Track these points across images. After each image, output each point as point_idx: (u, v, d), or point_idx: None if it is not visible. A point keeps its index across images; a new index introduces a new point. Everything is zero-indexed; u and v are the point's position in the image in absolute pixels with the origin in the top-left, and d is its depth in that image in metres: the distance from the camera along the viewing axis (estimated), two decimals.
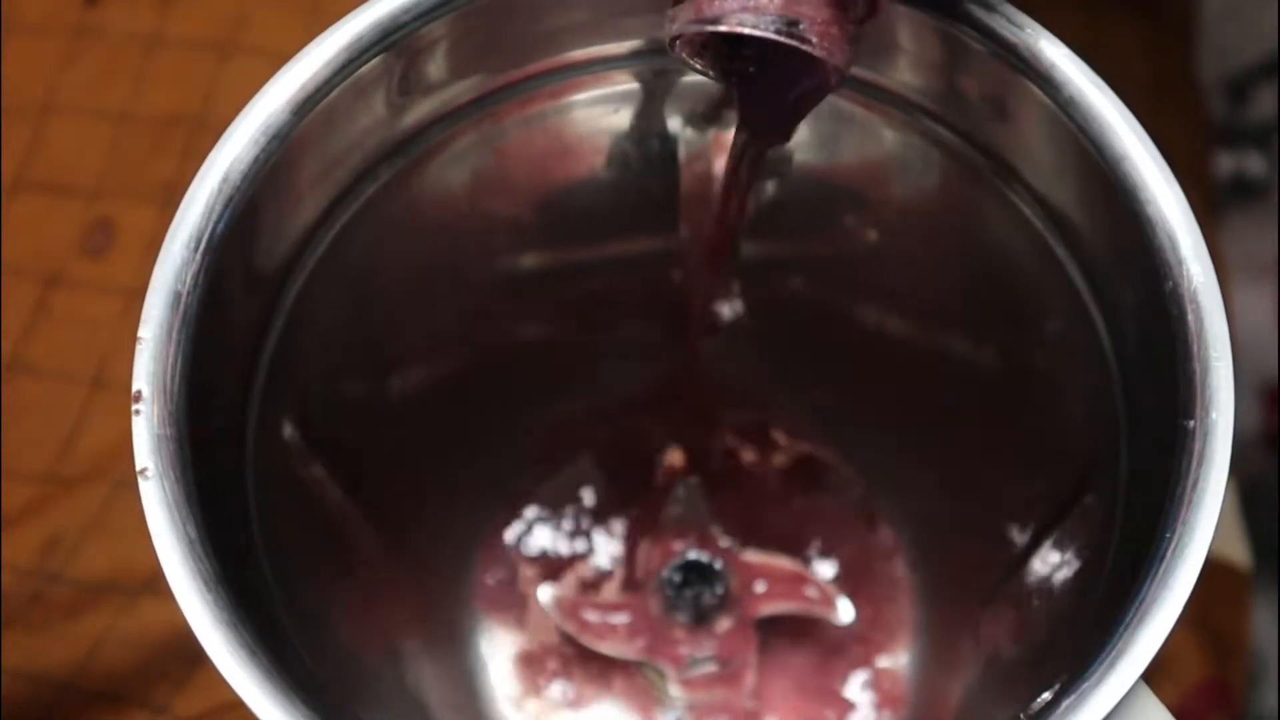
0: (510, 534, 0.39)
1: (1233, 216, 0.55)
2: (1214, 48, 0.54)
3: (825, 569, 0.39)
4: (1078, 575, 0.28)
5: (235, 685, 0.22)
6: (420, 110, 0.28)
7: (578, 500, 0.39)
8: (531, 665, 0.38)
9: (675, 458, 0.39)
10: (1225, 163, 0.56)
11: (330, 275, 0.28)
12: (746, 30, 0.24)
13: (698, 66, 0.26)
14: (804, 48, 0.24)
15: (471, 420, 0.36)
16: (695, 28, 0.24)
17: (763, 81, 0.26)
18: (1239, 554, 0.42)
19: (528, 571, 0.39)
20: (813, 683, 0.38)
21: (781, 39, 0.24)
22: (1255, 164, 0.59)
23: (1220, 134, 0.55)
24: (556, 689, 0.38)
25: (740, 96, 0.27)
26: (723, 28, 0.24)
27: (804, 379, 0.38)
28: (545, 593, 0.38)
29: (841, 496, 0.39)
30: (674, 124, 0.30)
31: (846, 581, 0.38)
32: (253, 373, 0.27)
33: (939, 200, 0.30)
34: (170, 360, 0.24)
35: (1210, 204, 0.51)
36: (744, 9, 0.24)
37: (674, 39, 0.25)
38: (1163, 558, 0.23)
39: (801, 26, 0.24)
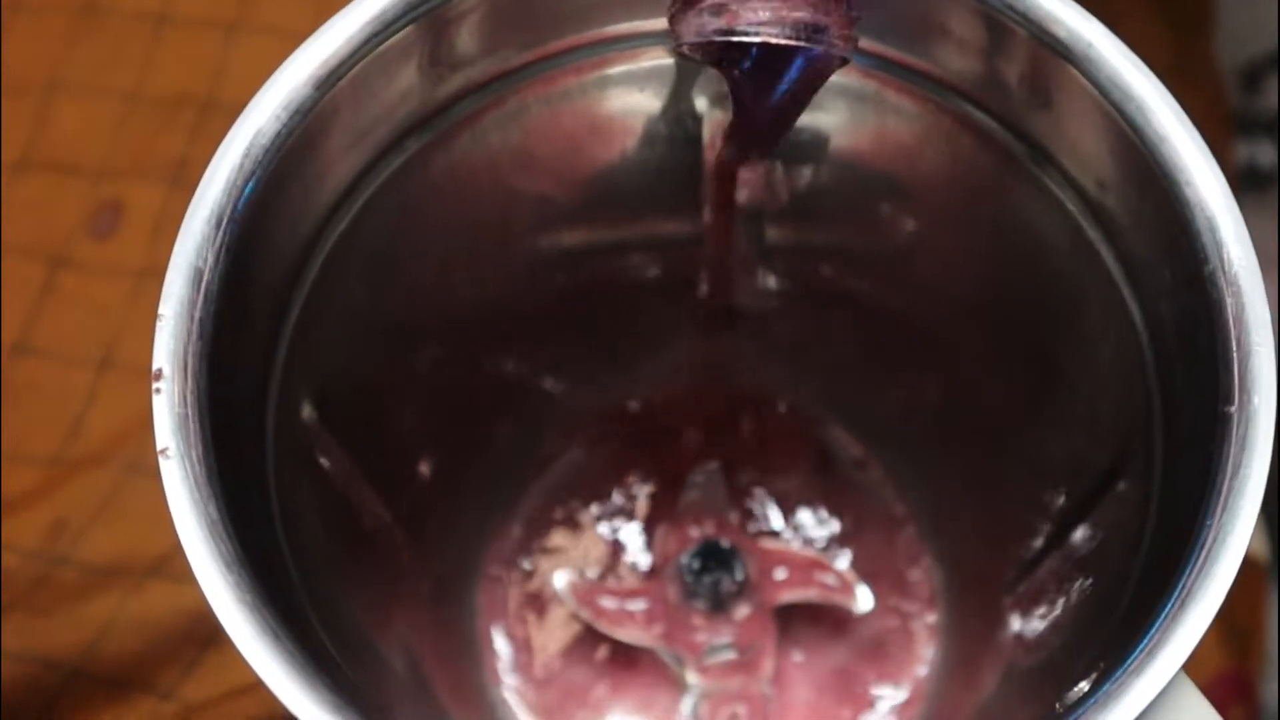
0: (526, 518, 0.38)
1: (1245, 206, 0.55)
2: (1229, 36, 0.54)
3: (845, 559, 0.38)
4: (1110, 564, 0.28)
5: (257, 667, 0.22)
6: (447, 85, 0.27)
7: (595, 485, 0.39)
8: (545, 652, 0.37)
9: (695, 442, 0.39)
10: (1239, 152, 0.56)
11: (352, 253, 0.28)
12: (777, 40, 0.24)
13: (698, 58, 0.26)
14: (832, 52, 0.24)
15: (488, 401, 0.36)
16: (723, 37, 0.24)
17: (762, 70, 0.26)
18: (1257, 544, 0.42)
19: (542, 558, 0.38)
20: (832, 674, 0.37)
21: (811, 45, 0.24)
22: (1267, 154, 0.59)
23: (1236, 123, 0.55)
24: (571, 676, 0.37)
25: (735, 85, 0.26)
26: (754, 39, 0.24)
27: (830, 368, 0.38)
28: (560, 579, 0.37)
29: (865, 485, 0.39)
30: (702, 104, 0.30)
31: (867, 571, 0.38)
32: (273, 351, 0.27)
33: (973, 186, 0.29)
34: (191, 338, 0.24)
35: None
36: (772, 19, 0.24)
37: (684, 43, 0.25)
38: (1204, 545, 0.23)
39: (829, 33, 0.24)
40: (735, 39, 0.24)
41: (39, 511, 0.40)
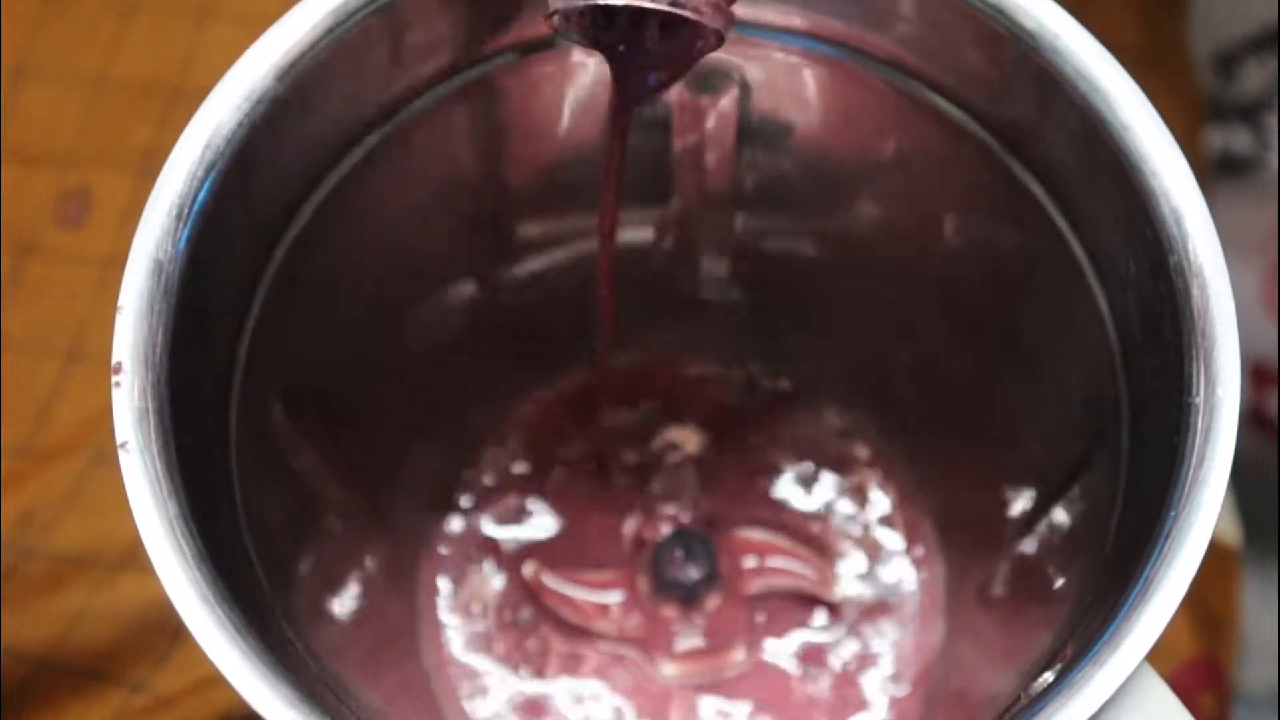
0: (492, 507, 0.38)
1: (1220, 193, 0.55)
2: (1203, 21, 0.54)
3: (821, 542, 0.38)
4: (1078, 553, 0.28)
5: (219, 663, 0.22)
6: (410, 76, 0.27)
7: (560, 472, 0.38)
8: (505, 641, 0.37)
9: (668, 431, 0.39)
10: (1213, 138, 0.56)
11: (315, 244, 0.27)
12: (642, 4, 0.23)
13: (573, 38, 0.25)
14: (702, 21, 0.24)
15: (454, 392, 0.36)
16: (584, 2, 0.24)
17: (638, 47, 0.26)
18: (1229, 531, 0.42)
19: (507, 546, 0.38)
20: (813, 663, 0.37)
21: (675, 11, 0.24)
22: (1242, 140, 0.59)
23: (1208, 109, 0.55)
24: (533, 663, 0.37)
25: (612, 63, 0.26)
26: (620, 2, 0.24)
27: (798, 351, 0.37)
28: (528, 568, 0.37)
29: (840, 469, 0.38)
30: (669, 91, 0.30)
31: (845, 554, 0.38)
32: (237, 343, 0.26)
33: (940, 174, 0.29)
34: (151, 331, 0.23)
35: (1199, 180, 0.50)
36: None
37: (555, 12, 0.24)
38: (1167, 536, 0.23)
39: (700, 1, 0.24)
40: (602, 3, 0.24)
41: (6, 503, 0.39)
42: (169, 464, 0.23)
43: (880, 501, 0.38)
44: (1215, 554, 0.41)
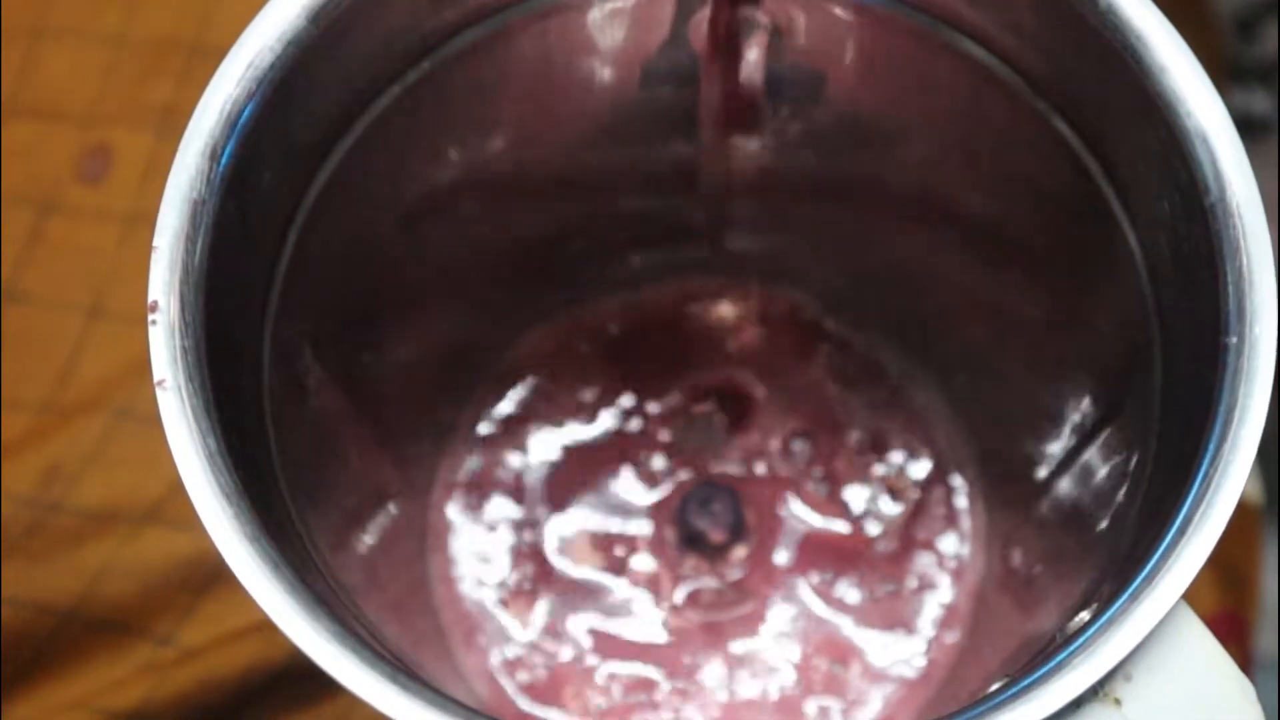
0: (509, 441, 0.38)
1: None
2: None
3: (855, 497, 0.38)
4: (1113, 494, 0.28)
5: (260, 599, 0.22)
6: (443, 16, 0.27)
7: (580, 420, 0.38)
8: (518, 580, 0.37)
9: (688, 387, 0.38)
10: (1234, 100, 0.56)
11: (348, 186, 0.27)
12: None
13: None
14: None
15: (479, 334, 0.36)
16: None
17: None
18: (1252, 488, 0.42)
19: (535, 502, 0.38)
20: (844, 605, 0.37)
21: None
22: (1260, 102, 0.59)
23: (1230, 70, 0.55)
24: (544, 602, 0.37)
25: None
26: None
27: (831, 301, 0.37)
28: (551, 541, 0.37)
29: (873, 413, 0.38)
30: (698, 41, 0.29)
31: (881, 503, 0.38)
32: (270, 283, 0.26)
33: (973, 118, 0.29)
34: (187, 271, 0.23)
35: None
36: None
37: None
38: (1206, 475, 0.23)
39: None
40: None
41: (32, 458, 0.39)
42: (205, 401, 0.23)
43: (916, 446, 0.38)
44: (1239, 510, 0.41)
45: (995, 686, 0.22)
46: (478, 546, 0.37)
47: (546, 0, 0.28)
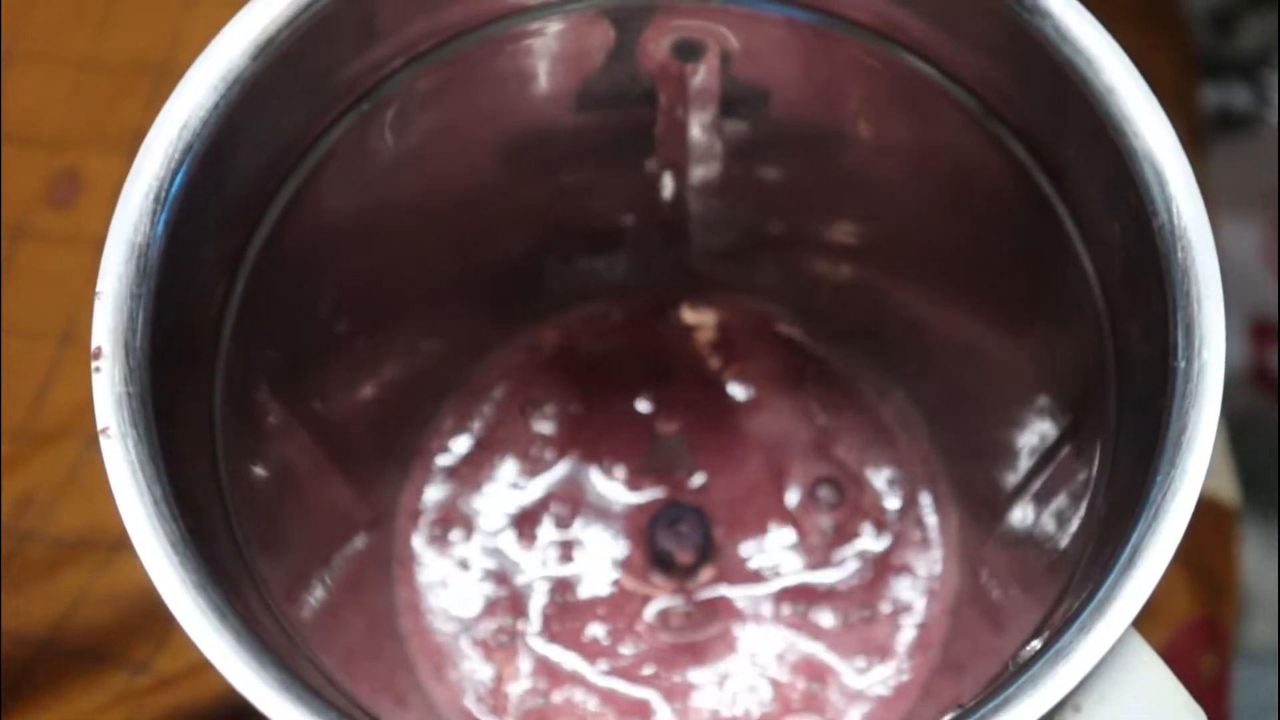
0: (473, 471, 0.38)
1: (1219, 149, 0.55)
2: None
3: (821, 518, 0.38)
4: (1068, 519, 0.28)
5: (204, 648, 0.22)
6: (385, 51, 0.27)
7: (547, 443, 0.38)
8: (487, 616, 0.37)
9: (652, 407, 0.38)
10: (1211, 95, 0.55)
11: (297, 222, 0.27)
12: None
13: None
14: None
15: (438, 360, 0.36)
16: None
17: None
18: (1227, 491, 0.42)
19: (501, 526, 0.38)
20: (813, 629, 0.37)
21: None
22: (1241, 96, 0.58)
23: (1206, 66, 0.55)
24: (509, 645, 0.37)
25: None
26: None
27: (802, 317, 0.37)
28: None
29: (844, 433, 0.38)
30: (648, 63, 0.29)
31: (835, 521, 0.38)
32: (220, 324, 0.26)
33: (926, 137, 0.29)
34: (131, 316, 0.23)
35: (1196, 137, 0.50)
36: None
37: None
38: (1153, 502, 0.22)
39: None
40: None
41: (5, 486, 0.39)
42: (151, 450, 0.23)
43: (885, 466, 0.38)
44: (1214, 514, 0.41)
45: (947, 719, 0.22)
46: (444, 576, 0.37)
47: (491, 32, 0.28)
